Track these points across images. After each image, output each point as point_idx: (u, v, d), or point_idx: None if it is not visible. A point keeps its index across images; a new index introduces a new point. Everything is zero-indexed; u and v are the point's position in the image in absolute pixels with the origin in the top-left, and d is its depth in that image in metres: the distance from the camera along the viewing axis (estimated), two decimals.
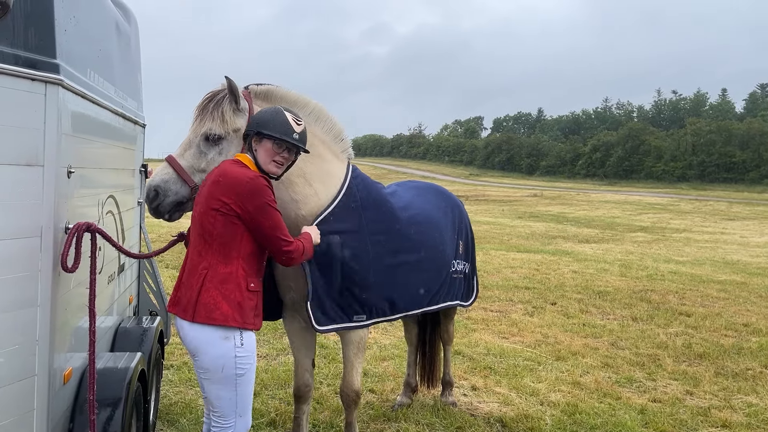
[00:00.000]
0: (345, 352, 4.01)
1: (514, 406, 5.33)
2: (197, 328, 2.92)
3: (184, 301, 2.97)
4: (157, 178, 3.28)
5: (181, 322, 2.98)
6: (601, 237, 21.99)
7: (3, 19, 2.45)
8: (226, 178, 2.96)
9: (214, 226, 2.93)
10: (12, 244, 2.50)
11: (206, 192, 3.01)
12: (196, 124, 3.35)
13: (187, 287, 2.98)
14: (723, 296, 10.91)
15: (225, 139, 3.32)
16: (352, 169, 3.96)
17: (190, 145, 3.34)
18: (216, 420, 3.03)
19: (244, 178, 2.94)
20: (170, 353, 6.35)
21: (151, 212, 3.35)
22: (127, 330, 4.25)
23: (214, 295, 2.90)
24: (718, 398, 5.79)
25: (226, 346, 2.92)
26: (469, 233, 5.03)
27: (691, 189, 66.20)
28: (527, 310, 9.20)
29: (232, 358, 2.93)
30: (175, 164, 3.28)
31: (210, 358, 2.92)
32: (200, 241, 2.99)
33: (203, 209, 2.99)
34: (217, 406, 3.00)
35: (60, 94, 2.66)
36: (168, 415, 4.83)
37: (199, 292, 2.91)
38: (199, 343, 2.93)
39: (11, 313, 2.51)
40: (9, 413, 2.53)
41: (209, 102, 3.35)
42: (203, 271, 2.94)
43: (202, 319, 2.89)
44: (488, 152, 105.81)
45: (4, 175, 2.45)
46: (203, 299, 2.90)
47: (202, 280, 2.92)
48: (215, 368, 2.93)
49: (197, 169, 3.29)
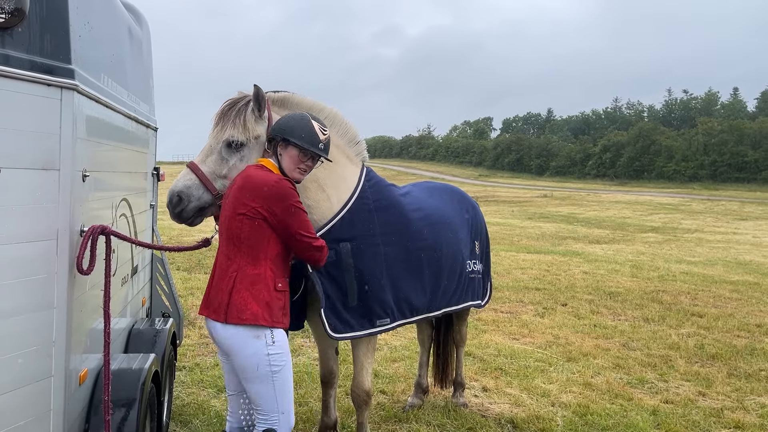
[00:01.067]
0: (355, 352, 4.03)
1: (525, 407, 5.32)
2: (229, 329, 3.01)
3: (215, 304, 3.06)
4: (180, 184, 3.32)
5: (214, 324, 3.07)
6: (612, 237, 21.89)
7: (19, 26, 2.49)
8: (251, 182, 3.05)
9: (242, 229, 3.03)
10: (29, 247, 2.54)
11: (232, 197, 3.09)
12: (217, 130, 3.39)
13: (218, 290, 3.07)
14: (735, 297, 10.84)
15: (246, 145, 3.36)
16: (367, 171, 4.00)
17: (211, 151, 3.38)
18: (260, 416, 3.13)
19: (269, 182, 3.04)
20: (182, 355, 6.40)
21: (174, 218, 3.38)
22: (140, 331, 4.29)
23: (244, 296, 3.00)
24: (731, 399, 5.76)
25: (257, 345, 3.01)
26: (484, 233, 5.04)
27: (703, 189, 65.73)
28: (538, 311, 9.18)
29: (265, 356, 3.02)
30: (197, 171, 3.32)
31: (243, 357, 3.02)
32: (228, 245, 3.08)
33: (230, 214, 3.07)
34: (260, 404, 3.10)
35: (75, 99, 2.70)
36: (181, 416, 4.87)
37: (230, 294, 3.01)
38: (232, 343, 3.02)
39: (29, 315, 2.55)
40: (27, 413, 2.57)
41: (230, 109, 3.39)
42: (233, 274, 3.03)
43: (233, 320, 2.99)
44: (498, 153, 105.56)
45: (22, 179, 2.49)
46: (234, 300, 3.00)
47: (232, 282, 3.02)
48: (250, 367, 3.03)
49: (219, 176, 3.34)
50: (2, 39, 2.43)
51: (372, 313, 3.78)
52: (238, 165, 3.33)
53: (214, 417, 4.86)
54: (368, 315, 3.78)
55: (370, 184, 3.94)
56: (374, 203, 3.89)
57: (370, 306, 3.77)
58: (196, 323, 7.73)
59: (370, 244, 3.77)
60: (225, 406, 5.10)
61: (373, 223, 3.84)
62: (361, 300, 3.73)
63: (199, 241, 3.49)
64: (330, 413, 4.44)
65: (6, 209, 2.43)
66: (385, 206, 3.95)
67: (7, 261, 2.45)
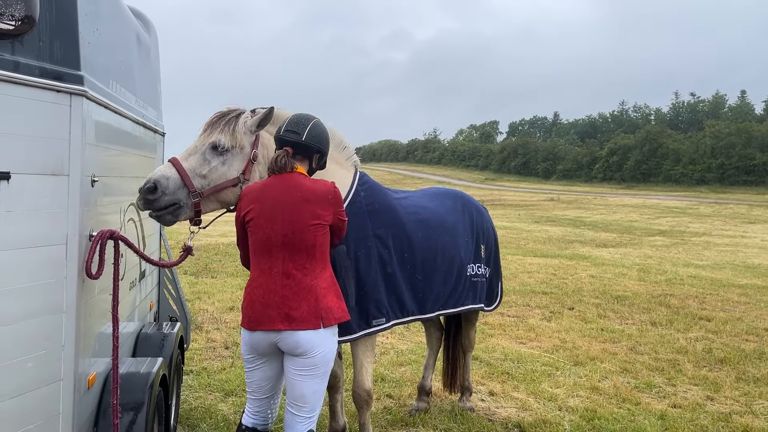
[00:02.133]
0: (354, 351, 4.07)
1: (532, 412, 5.31)
2: (323, 333, 3.13)
3: (301, 314, 3.08)
4: (157, 173, 3.33)
5: (298, 334, 3.08)
6: (619, 241, 21.81)
7: (29, 33, 2.52)
8: (317, 193, 3.20)
9: (317, 238, 3.17)
10: (39, 251, 2.56)
11: (296, 210, 3.14)
12: (205, 135, 3.51)
13: (301, 300, 3.10)
14: (744, 300, 10.78)
15: (230, 152, 3.48)
16: (360, 175, 4.08)
17: (195, 151, 3.47)
18: (305, 416, 3.21)
19: (332, 190, 3.27)
20: (190, 359, 6.42)
21: (141, 204, 3.33)
22: (148, 335, 4.31)
23: (331, 298, 3.19)
24: (739, 404, 5.72)
25: (333, 341, 3.22)
26: (491, 237, 5.05)
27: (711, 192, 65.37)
28: (545, 315, 9.16)
29: (334, 352, 3.24)
30: (178, 165, 3.37)
31: (323, 355, 3.15)
32: (300, 255, 3.14)
33: (301, 226, 3.12)
34: (310, 401, 3.20)
35: (84, 105, 2.73)
36: (188, 420, 4.89)
37: (318, 300, 3.12)
38: (317, 343, 3.11)
39: (38, 319, 2.58)
40: (36, 417, 2.59)
41: (219, 120, 3.53)
42: (313, 281, 3.15)
43: (331, 322, 3.14)
44: (504, 156, 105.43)
45: (32, 184, 2.52)
46: (325, 305, 3.14)
47: (317, 289, 3.14)
48: (324, 362, 3.17)
49: (198, 174, 3.40)
50: (12, 46, 2.46)
51: (368, 313, 3.88)
52: (219, 168, 3.43)
53: (221, 421, 4.87)
54: (364, 316, 3.87)
55: (363, 188, 4.03)
56: (368, 206, 3.98)
57: (366, 306, 3.86)
58: (203, 327, 7.75)
59: (363, 246, 3.87)
60: (232, 410, 5.11)
61: (366, 224, 3.93)
62: (358, 301, 3.82)
63: (181, 253, 3.47)
64: (338, 418, 4.45)
65: (16, 214, 2.46)
66: (377, 209, 4.04)
67: (18, 265, 2.47)
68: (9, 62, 2.42)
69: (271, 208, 3.15)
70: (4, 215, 2.41)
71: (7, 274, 2.43)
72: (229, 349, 6.89)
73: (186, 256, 3.46)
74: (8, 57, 2.43)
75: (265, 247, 3.15)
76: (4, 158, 2.40)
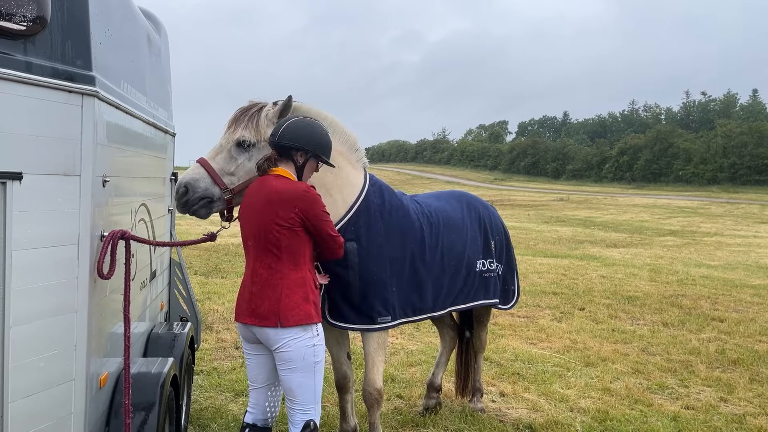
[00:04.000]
0: (366, 349, 4.10)
1: (543, 413, 5.28)
2: (284, 331, 3.20)
3: (263, 311, 3.21)
4: (187, 176, 3.51)
5: (264, 330, 3.22)
6: (630, 241, 21.69)
7: (41, 34, 2.52)
8: (282, 195, 3.21)
9: (281, 239, 3.20)
10: (51, 252, 2.57)
11: (264, 210, 3.22)
12: (230, 132, 3.61)
13: (263, 298, 3.22)
14: (757, 301, 10.68)
15: (256, 146, 3.57)
16: (370, 176, 4.15)
17: (221, 150, 3.59)
18: (298, 409, 3.32)
19: (301, 192, 3.24)
20: (200, 359, 6.44)
21: (179, 207, 3.56)
22: (159, 336, 4.32)
23: (295, 299, 3.21)
24: (753, 405, 5.66)
25: (306, 337, 3.24)
26: (501, 233, 5.05)
27: (722, 192, 64.86)
28: (555, 316, 9.11)
29: (312, 347, 3.26)
30: (206, 165, 3.53)
31: (294, 351, 3.22)
32: (267, 255, 3.22)
33: (265, 227, 3.20)
34: (299, 395, 3.30)
35: (96, 106, 2.74)
36: (199, 420, 4.89)
37: (279, 300, 3.19)
38: (284, 340, 3.21)
39: (50, 319, 2.59)
40: (49, 417, 2.60)
41: (242, 114, 3.62)
42: (278, 281, 3.21)
43: (289, 322, 3.19)
44: (513, 156, 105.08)
45: (44, 184, 2.52)
46: (286, 305, 3.19)
47: (279, 289, 3.20)
48: (297, 358, 3.23)
49: (226, 172, 3.54)
50: (24, 46, 2.46)
51: (373, 310, 3.93)
52: (245, 164, 3.55)
53: (231, 421, 4.88)
54: (369, 312, 3.92)
55: (374, 189, 4.10)
56: (378, 206, 4.05)
57: (372, 303, 3.91)
58: (214, 327, 7.77)
59: (374, 245, 3.92)
60: (242, 410, 5.11)
61: (378, 224, 3.99)
62: (364, 297, 3.88)
63: (205, 234, 3.59)
64: (348, 419, 4.44)
65: (28, 214, 2.46)
66: (388, 209, 4.11)
67: (29, 265, 2.48)
68: (21, 63, 2.43)
69: (246, 208, 3.34)
70: (17, 215, 2.41)
71: (19, 274, 2.44)
72: (240, 350, 6.90)
73: (206, 240, 3.57)
74: (20, 57, 2.44)
75: (244, 246, 3.37)
76: (16, 159, 2.41)
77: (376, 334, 4.06)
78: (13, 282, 2.41)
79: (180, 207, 3.54)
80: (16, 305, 2.43)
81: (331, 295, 3.89)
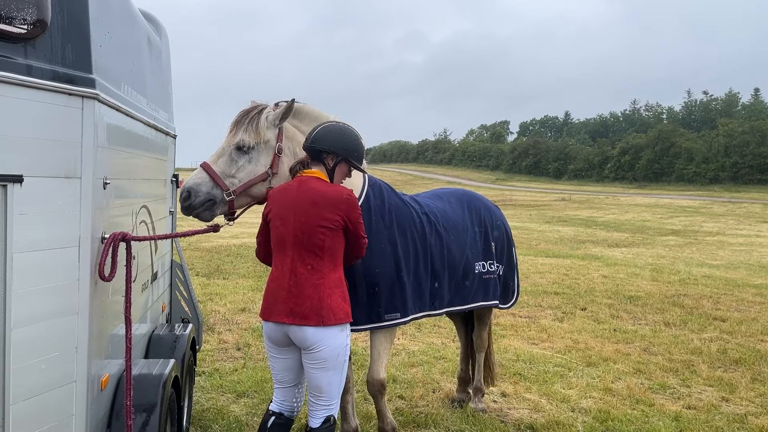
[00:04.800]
0: (373, 341, 4.18)
1: (544, 413, 5.28)
2: (325, 330, 3.26)
3: (303, 310, 3.25)
4: (190, 181, 3.64)
5: (304, 329, 3.25)
6: (632, 241, 21.67)
7: (41, 37, 2.53)
8: (327, 197, 3.30)
9: (325, 241, 3.29)
10: (52, 254, 2.58)
11: (306, 212, 3.29)
12: (231, 135, 3.72)
13: (305, 297, 3.27)
14: (759, 300, 10.66)
15: (255, 149, 3.68)
16: (369, 177, 4.21)
17: (222, 153, 3.69)
18: (323, 404, 3.41)
19: (344, 195, 3.35)
20: (202, 360, 6.44)
21: (183, 211, 3.67)
22: (160, 337, 4.33)
23: (335, 299, 3.30)
24: (754, 405, 5.66)
25: (342, 337, 3.33)
26: (502, 233, 5.06)
27: (724, 191, 64.71)
28: (557, 316, 9.11)
29: (345, 347, 3.36)
30: (208, 169, 3.64)
31: (330, 349, 3.28)
32: (308, 255, 3.29)
33: (309, 228, 3.27)
34: (327, 392, 3.39)
35: (96, 108, 2.74)
36: (200, 422, 4.90)
37: (321, 299, 3.26)
38: (323, 339, 3.26)
39: (52, 321, 2.59)
40: (50, 418, 2.61)
41: (243, 117, 3.72)
42: (319, 281, 3.28)
43: (332, 321, 3.25)
44: (515, 156, 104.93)
45: (45, 187, 2.53)
46: (328, 304, 3.26)
47: (322, 289, 3.27)
48: (332, 357, 3.30)
49: (228, 175, 3.65)
50: (25, 49, 2.47)
51: (380, 308, 3.98)
52: (246, 166, 3.67)
53: (233, 422, 4.88)
54: (376, 311, 3.98)
55: (373, 190, 4.15)
56: (378, 206, 4.09)
57: (379, 302, 3.97)
58: (215, 328, 7.78)
59: (376, 244, 3.96)
60: (244, 411, 5.12)
61: (379, 224, 4.04)
62: (370, 296, 3.94)
63: (209, 225, 3.69)
64: (349, 420, 4.46)
65: (29, 217, 2.47)
66: (388, 209, 4.15)
67: (30, 268, 2.49)
68: (21, 66, 2.44)
69: (285, 209, 3.37)
70: (18, 218, 2.42)
71: (20, 276, 2.44)
72: (241, 351, 6.91)
73: (210, 231, 3.70)
74: (21, 61, 2.44)
75: (280, 245, 3.38)
76: (17, 161, 2.42)
77: (385, 330, 4.13)
78: (14, 284, 2.42)
79: (184, 211, 3.66)
80: (17, 307, 2.44)
81: None
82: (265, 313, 3.37)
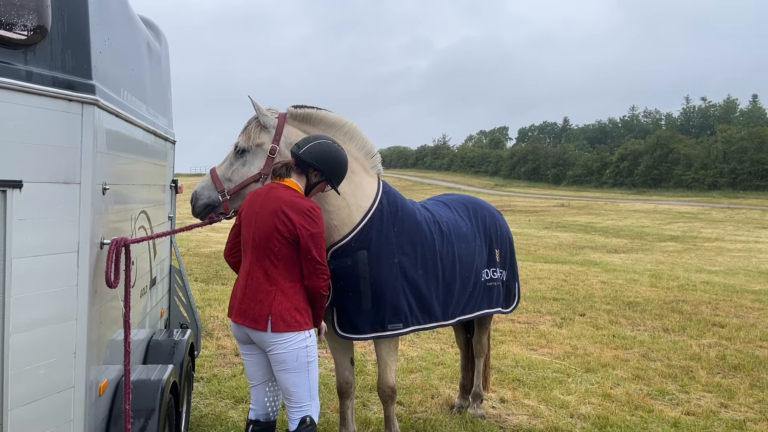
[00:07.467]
0: (378, 352, 4.21)
1: (543, 419, 5.28)
2: (273, 335, 3.30)
3: (253, 314, 3.33)
4: (197, 186, 3.86)
5: (254, 332, 3.35)
6: (630, 247, 21.68)
7: (41, 43, 2.54)
8: (289, 207, 3.31)
9: (281, 250, 3.31)
10: (51, 259, 2.58)
11: (266, 218, 3.33)
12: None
13: (256, 301, 3.34)
14: (758, 306, 10.67)
15: (249, 152, 3.82)
16: (383, 184, 4.21)
17: (227, 158, 3.88)
18: (294, 407, 3.44)
19: (306, 207, 3.35)
20: (200, 365, 6.43)
21: (192, 214, 3.89)
22: (159, 343, 4.32)
23: (287, 306, 3.31)
24: (753, 411, 5.66)
25: (297, 340, 3.34)
26: (505, 240, 5.08)
27: (723, 197, 64.73)
28: (555, 322, 9.11)
29: (304, 348, 3.36)
30: (213, 173, 3.86)
31: (288, 353, 3.32)
32: (265, 260, 3.33)
33: (267, 234, 3.31)
34: (294, 393, 3.41)
35: (96, 114, 2.75)
36: (199, 427, 4.89)
37: (271, 306, 3.30)
38: (277, 342, 3.31)
39: (50, 327, 2.59)
40: (48, 424, 2.61)
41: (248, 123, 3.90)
42: (272, 288, 3.32)
43: (279, 328, 3.29)
44: (514, 162, 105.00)
45: (44, 192, 2.54)
46: (277, 311, 3.29)
47: (273, 295, 3.31)
48: (290, 359, 3.34)
49: (226, 178, 3.80)
50: (25, 56, 2.48)
51: (384, 318, 3.98)
52: (240, 169, 3.81)
53: (231, 428, 4.87)
54: (380, 320, 3.98)
55: (387, 196, 4.14)
56: (391, 214, 4.08)
57: (383, 311, 3.97)
58: (214, 334, 7.77)
59: (386, 253, 3.97)
60: (243, 417, 5.11)
61: (390, 232, 4.03)
62: (375, 305, 3.94)
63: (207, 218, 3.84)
64: (348, 425, 4.46)
65: (28, 222, 2.48)
66: (401, 217, 4.14)
67: (29, 273, 2.49)
68: (22, 72, 2.45)
69: (250, 213, 3.45)
70: (17, 223, 2.43)
71: (19, 282, 2.45)
72: (240, 356, 6.90)
73: (209, 223, 3.85)
74: (21, 67, 2.45)
75: (243, 248, 3.49)
76: (17, 167, 2.42)
77: (387, 339, 4.13)
78: (13, 290, 2.42)
79: (192, 213, 3.87)
80: (16, 313, 2.44)
81: (340, 306, 3.95)
82: (229, 312, 3.51)
